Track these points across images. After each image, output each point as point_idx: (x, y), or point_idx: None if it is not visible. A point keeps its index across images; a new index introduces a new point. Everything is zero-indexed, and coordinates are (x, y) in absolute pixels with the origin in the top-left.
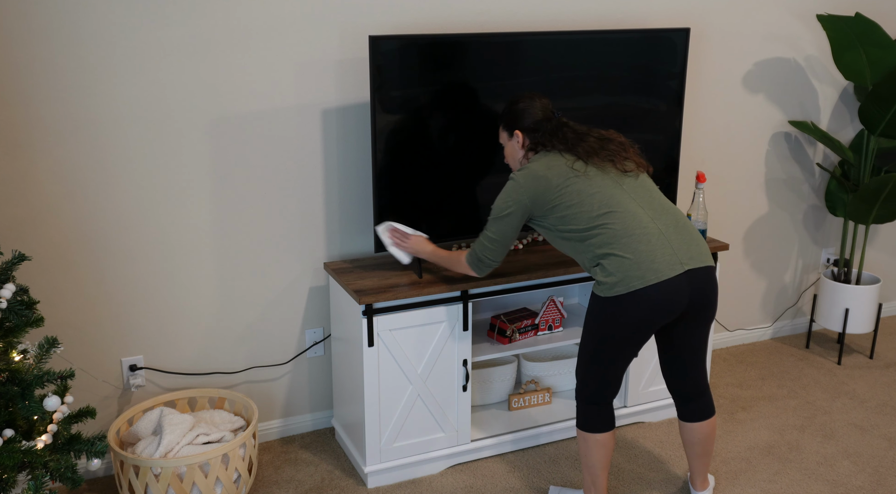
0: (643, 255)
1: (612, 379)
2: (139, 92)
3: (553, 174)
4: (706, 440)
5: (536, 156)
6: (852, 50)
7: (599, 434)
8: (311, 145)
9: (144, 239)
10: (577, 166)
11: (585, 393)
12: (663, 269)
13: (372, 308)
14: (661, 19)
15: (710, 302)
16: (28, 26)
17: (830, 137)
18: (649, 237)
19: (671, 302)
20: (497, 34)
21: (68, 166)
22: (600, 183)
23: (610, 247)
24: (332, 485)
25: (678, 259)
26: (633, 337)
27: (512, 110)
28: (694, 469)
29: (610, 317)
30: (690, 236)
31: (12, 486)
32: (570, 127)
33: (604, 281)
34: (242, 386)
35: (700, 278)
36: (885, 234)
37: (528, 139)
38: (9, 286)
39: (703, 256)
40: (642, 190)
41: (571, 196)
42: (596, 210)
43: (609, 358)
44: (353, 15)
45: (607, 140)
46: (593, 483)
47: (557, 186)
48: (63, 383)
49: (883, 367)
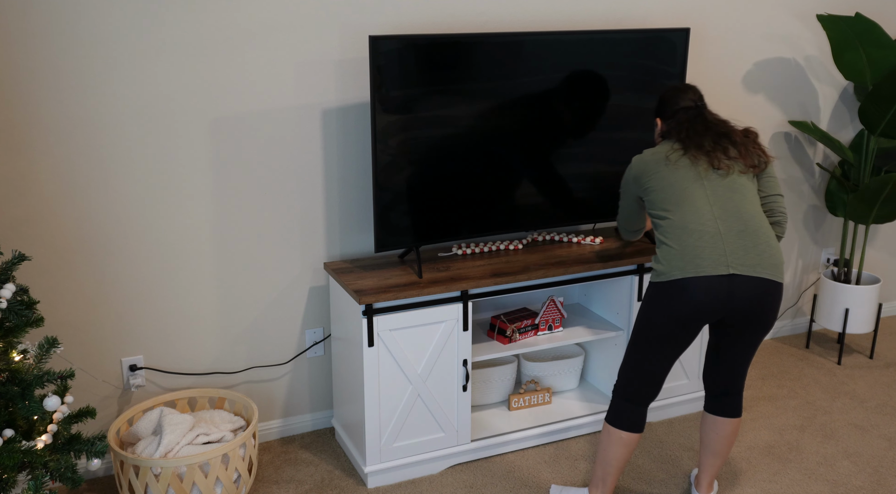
0: (689, 249)
1: (648, 378)
2: (139, 92)
3: (651, 159)
4: (725, 439)
5: (661, 142)
6: (852, 50)
7: (625, 432)
8: (311, 145)
9: (144, 239)
10: (673, 156)
11: (621, 389)
12: (705, 266)
13: (372, 308)
14: (661, 19)
15: (761, 313)
16: (28, 26)
17: (830, 137)
18: (702, 234)
19: (710, 301)
20: (497, 34)
21: (68, 166)
22: (683, 175)
23: (666, 237)
24: (332, 485)
25: (726, 261)
26: (671, 332)
27: (659, 99)
28: (704, 468)
29: (652, 305)
30: (755, 245)
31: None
32: (703, 118)
33: (654, 267)
34: (242, 386)
35: (750, 286)
36: (885, 234)
37: (665, 126)
38: (9, 286)
39: (761, 267)
40: (724, 189)
41: (656, 181)
42: (667, 199)
43: (645, 351)
44: (353, 15)
45: (724, 135)
46: (603, 480)
47: (649, 172)
48: (63, 383)
49: (883, 367)
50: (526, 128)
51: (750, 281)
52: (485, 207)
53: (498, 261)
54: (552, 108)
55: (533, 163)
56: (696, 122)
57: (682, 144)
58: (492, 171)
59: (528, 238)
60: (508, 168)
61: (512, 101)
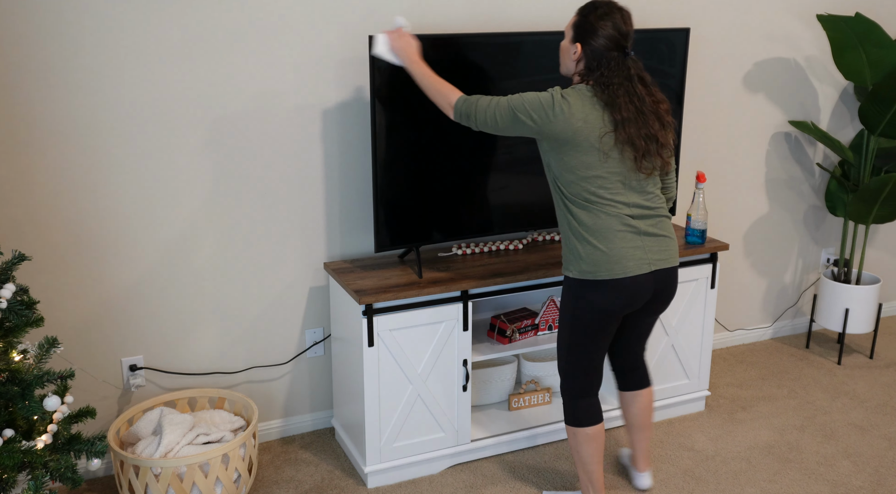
0: (616, 251)
1: (593, 372)
2: (139, 92)
3: (583, 128)
4: (644, 410)
5: (582, 91)
6: (852, 50)
7: (589, 427)
8: (311, 145)
9: (144, 239)
10: (606, 139)
11: (570, 390)
12: (631, 267)
13: (372, 308)
14: (661, 19)
15: (669, 297)
16: (28, 26)
17: (830, 137)
18: (624, 236)
19: (636, 296)
20: (497, 34)
21: (68, 166)
22: (611, 169)
23: (590, 234)
24: (332, 485)
25: (648, 259)
26: (602, 324)
27: (586, 20)
28: (636, 445)
29: (580, 302)
30: (664, 239)
31: (12, 486)
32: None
33: (577, 265)
34: (242, 386)
35: (664, 276)
36: (885, 234)
37: (584, 62)
38: (9, 286)
39: (671, 260)
40: (640, 187)
41: (580, 159)
42: (590, 189)
43: (584, 346)
44: (353, 15)
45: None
46: (590, 481)
47: (577, 143)
48: (63, 383)
49: (883, 367)
50: None
51: (664, 272)
52: (485, 207)
53: (498, 261)
54: None
55: (532, 162)
56: (625, 84)
57: (613, 122)
58: (491, 171)
59: (528, 238)
60: (508, 168)
61: None
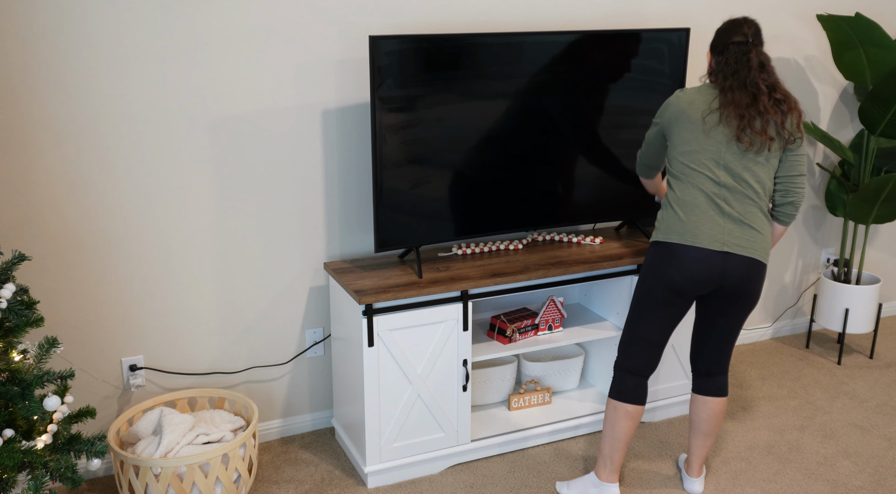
0: (692, 220)
1: (645, 345)
2: (139, 92)
3: (689, 110)
4: (713, 418)
5: (699, 85)
6: (852, 50)
7: (630, 404)
8: (311, 145)
9: (144, 238)
10: (709, 119)
11: (622, 362)
12: (702, 239)
13: (372, 308)
14: (661, 19)
15: (747, 290)
16: (28, 26)
17: (830, 137)
18: (706, 212)
19: (702, 271)
20: (497, 34)
21: (68, 166)
22: (708, 146)
23: (676, 202)
24: (332, 485)
25: (722, 239)
26: (660, 298)
27: (715, 31)
28: (693, 450)
29: (648, 267)
30: (750, 229)
31: (12, 486)
32: (747, 60)
33: (656, 225)
34: (242, 386)
35: (740, 264)
36: (885, 234)
37: (714, 63)
38: (9, 286)
39: (752, 250)
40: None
41: (681, 136)
42: (684, 162)
43: (643, 316)
44: (353, 15)
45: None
46: (610, 456)
47: (682, 123)
48: (63, 383)
49: (883, 367)
50: (525, 128)
51: (739, 259)
52: (485, 207)
53: (498, 261)
54: (551, 109)
55: (532, 163)
56: (740, 65)
57: (721, 98)
58: (491, 171)
59: (528, 238)
60: (508, 168)
61: (512, 102)
